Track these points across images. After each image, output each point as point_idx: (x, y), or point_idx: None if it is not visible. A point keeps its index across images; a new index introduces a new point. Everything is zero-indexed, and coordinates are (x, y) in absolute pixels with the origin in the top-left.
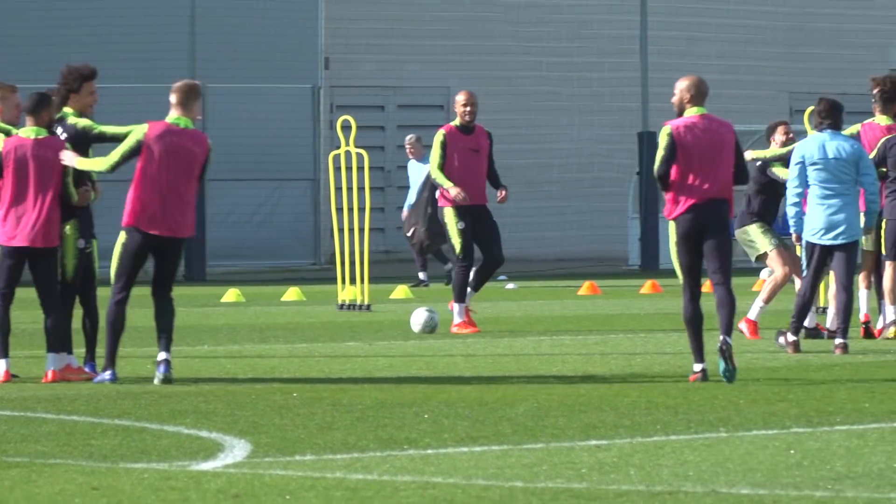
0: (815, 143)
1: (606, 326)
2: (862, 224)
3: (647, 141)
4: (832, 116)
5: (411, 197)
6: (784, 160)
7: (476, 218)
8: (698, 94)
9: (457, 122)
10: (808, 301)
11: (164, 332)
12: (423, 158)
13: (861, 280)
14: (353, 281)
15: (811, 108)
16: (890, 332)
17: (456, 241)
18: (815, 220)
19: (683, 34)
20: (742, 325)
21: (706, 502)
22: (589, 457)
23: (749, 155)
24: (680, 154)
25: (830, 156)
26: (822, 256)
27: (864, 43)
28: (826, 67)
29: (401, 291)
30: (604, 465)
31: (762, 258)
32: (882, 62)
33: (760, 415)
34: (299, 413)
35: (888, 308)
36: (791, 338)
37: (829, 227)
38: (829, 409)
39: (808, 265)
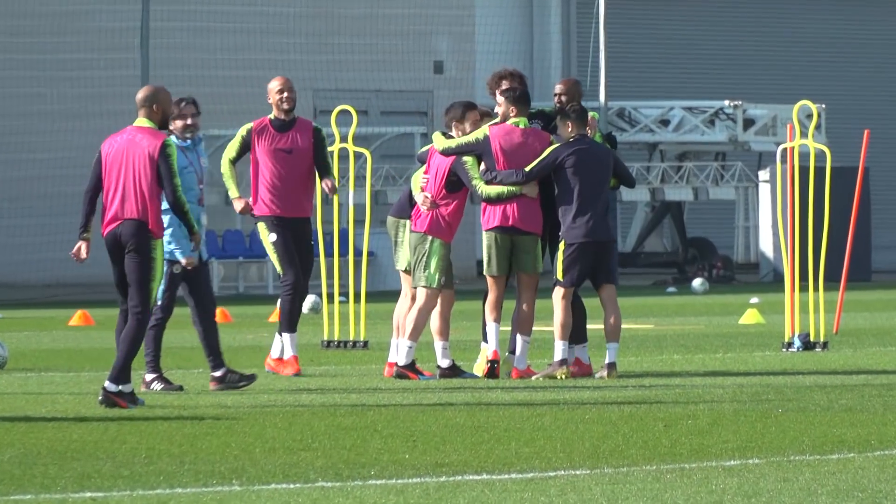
0: None
1: (101, 362)
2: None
3: None
4: None
5: None
6: (471, 153)
7: None
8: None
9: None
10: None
11: None
12: None
13: (489, 311)
14: None
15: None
16: (562, 372)
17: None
18: None
19: (190, 24)
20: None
21: None
22: None
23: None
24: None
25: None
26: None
27: (403, 31)
28: (357, 60)
29: None
30: None
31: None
32: (425, 52)
33: (280, 466)
34: None
35: (557, 344)
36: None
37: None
38: (362, 461)
39: None
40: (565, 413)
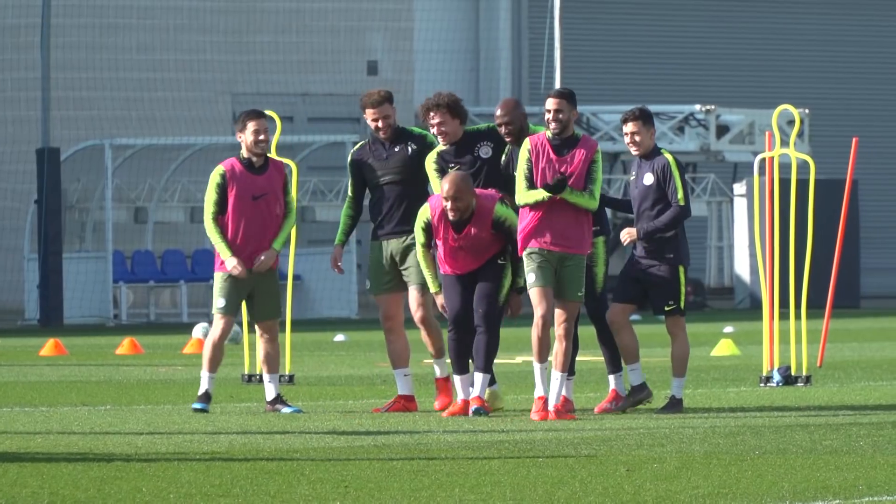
0: None
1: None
2: None
3: (48, 160)
4: None
5: None
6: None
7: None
8: None
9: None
10: None
11: None
12: None
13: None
14: None
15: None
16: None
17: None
18: None
19: (96, 21)
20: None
21: None
22: None
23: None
24: None
25: None
26: None
27: (332, 27)
28: (280, 60)
29: None
30: None
31: None
32: (357, 51)
33: None
34: None
35: (675, 381)
36: None
37: None
38: None
39: None
40: (515, 456)
